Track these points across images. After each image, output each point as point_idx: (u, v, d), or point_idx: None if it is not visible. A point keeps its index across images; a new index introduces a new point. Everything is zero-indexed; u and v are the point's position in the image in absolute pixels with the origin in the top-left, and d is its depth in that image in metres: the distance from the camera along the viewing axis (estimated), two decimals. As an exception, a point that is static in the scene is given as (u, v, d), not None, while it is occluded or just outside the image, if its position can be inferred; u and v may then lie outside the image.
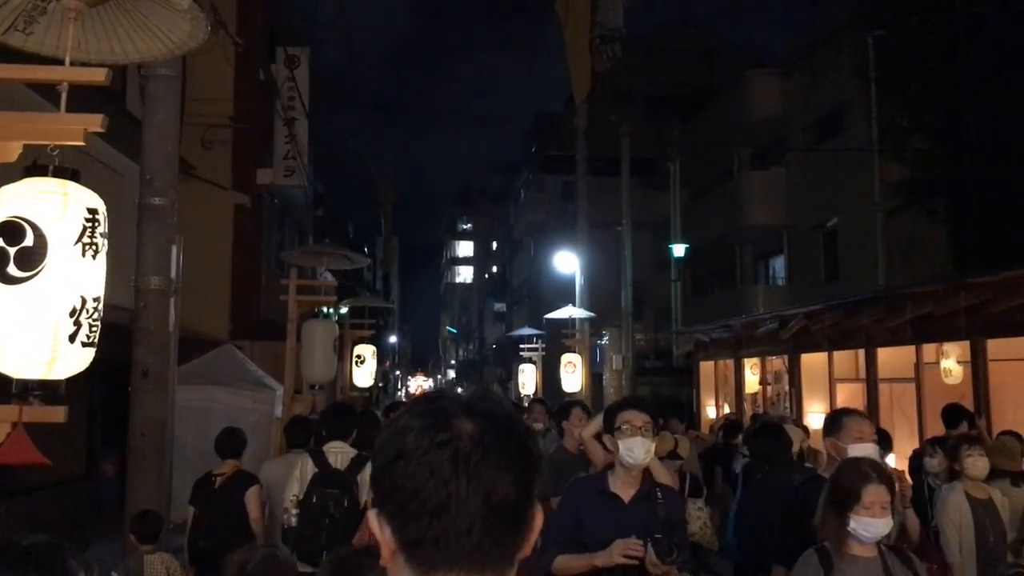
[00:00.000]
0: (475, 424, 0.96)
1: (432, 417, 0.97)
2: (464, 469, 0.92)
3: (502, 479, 0.93)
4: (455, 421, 0.96)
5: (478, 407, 0.99)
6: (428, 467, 0.92)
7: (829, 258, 16.85)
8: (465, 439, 0.94)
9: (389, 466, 0.95)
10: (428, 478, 0.92)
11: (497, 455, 0.94)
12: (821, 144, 17.12)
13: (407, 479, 0.93)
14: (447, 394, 1.04)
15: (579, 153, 14.52)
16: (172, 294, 4.79)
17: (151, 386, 4.65)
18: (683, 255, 17.53)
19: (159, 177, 4.75)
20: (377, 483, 0.98)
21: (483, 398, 1.02)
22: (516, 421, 1.01)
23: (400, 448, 0.95)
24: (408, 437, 0.95)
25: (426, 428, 0.95)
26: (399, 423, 0.99)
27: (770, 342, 9.86)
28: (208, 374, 9.59)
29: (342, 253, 7.94)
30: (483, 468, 0.93)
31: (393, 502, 0.94)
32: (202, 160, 11.92)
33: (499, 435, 0.96)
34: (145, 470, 4.61)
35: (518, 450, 0.96)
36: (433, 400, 1.02)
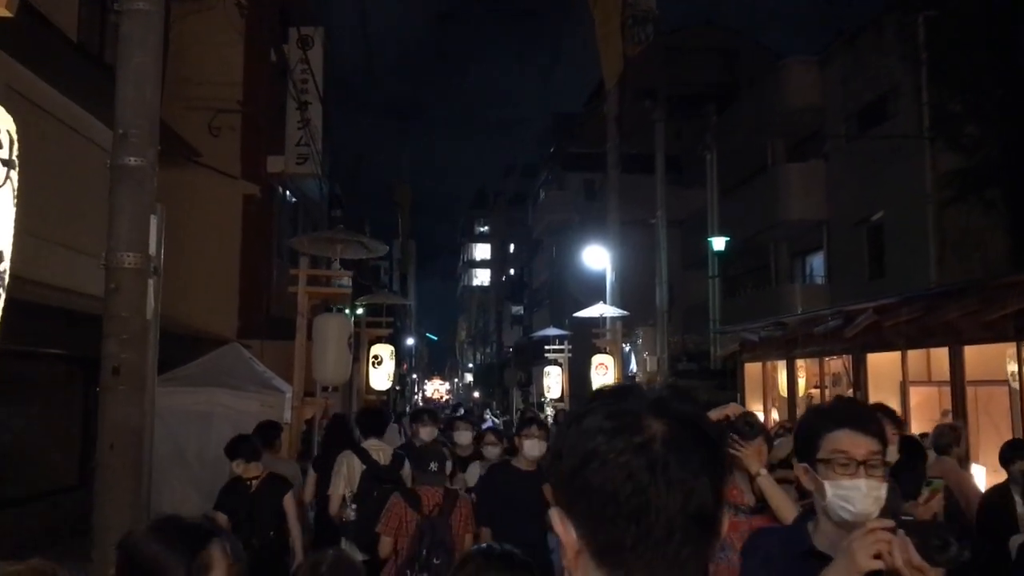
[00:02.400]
0: (666, 425, 0.90)
1: (620, 418, 0.92)
2: (662, 473, 0.87)
3: (700, 484, 0.88)
4: (645, 422, 0.91)
5: (667, 407, 0.93)
6: (625, 470, 0.88)
7: (874, 254, 15.86)
8: (659, 442, 0.89)
9: (581, 467, 0.91)
10: (625, 481, 0.88)
11: (692, 459, 0.89)
12: (864, 134, 16.15)
13: (602, 481, 0.89)
14: (631, 390, 0.98)
15: (610, 142, 13.66)
16: (151, 274, 3.94)
17: (123, 386, 3.80)
18: (723, 249, 16.54)
19: (135, 132, 3.92)
20: (566, 484, 0.93)
21: (671, 396, 0.96)
22: (707, 422, 0.95)
23: (592, 449, 0.91)
24: (599, 438, 0.91)
25: (617, 430, 0.91)
26: (585, 423, 0.94)
27: (831, 341, 8.93)
28: (211, 375, 8.78)
29: (357, 240, 7.11)
30: (680, 473, 0.88)
31: (584, 504, 0.90)
32: (209, 147, 11.19)
33: (692, 437, 0.91)
34: (116, 488, 3.77)
35: (710, 453, 0.91)
36: (618, 397, 0.96)
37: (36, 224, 7.60)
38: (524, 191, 43.11)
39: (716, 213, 16.79)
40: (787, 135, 19.22)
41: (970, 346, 7.22)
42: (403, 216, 32.02)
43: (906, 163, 14.60)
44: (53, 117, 7.58)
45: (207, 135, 11.23)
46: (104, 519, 3.74)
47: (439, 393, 65.39)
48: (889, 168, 15.10)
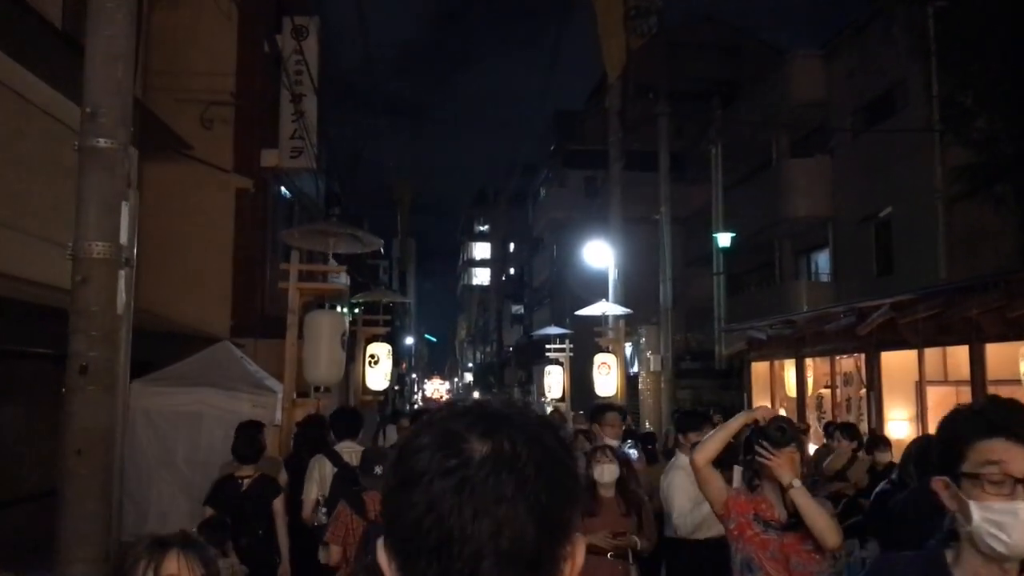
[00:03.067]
0: (491, 444, 0.80)
1: (443, 437, 0.82)
2: (469, 500, 0.76)
3: (514, 512, 0.77)
4: (467, 441, 0.80)
5: (498, 426, 0.82)
6: (429, 496, 0.78)
7: (881, 251, 15.57)
8: (476, 463, 0.78)
9: (394, 491, 0.82)
10: (429, 510, 0.77)
11: (513, 482, 0.78)
12: (872, 128, 15.85)
13: (409, 508, 0.79)
14: (473, 405, 0.87)
15: (612, 136, 13.35)
16: (122, 265, 3.64)
17: (91, 387, 3.51)
18: (728, 245, 16.23)
19: (104, 111, 3.61)
20: (383, 509, 0.86)
21: (508, 414, 0.85)
22: (547, 445, 0.82)
23: (407, 471, 0.81)
24: (418, 458, 0.81)
25: (435, 448, 0.81)
26: (412, 440, 0.84)
27: (843, 339, 8.63)
28: (201, 375, 8.48)
29: (350, 232, 6.79)
30: (491, 499, 0.76)
31: (396, 534, 0.81)
32: (201, 140, 10.86)
33: (516, 461, 0.79)
34: (83, 499, 3.47)
35: (544, 476, 0.79)
36: (449, 416, 0.85)
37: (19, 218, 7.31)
38: (524, 189, 42.85)
39: (721, 208, 16.45)
40: (791, 130, 18.92)
41: (992, 344, 6.92)
42: (403, 213, 31.74)
43: (915, 158, 14.30)
44: (36, 107, 7.29)
45: (199, 128, 10.91)
46: (69, 532, 3.45)
47: (439, 393, 65.09)
48: (897, 163, 14.81)
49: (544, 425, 0.86)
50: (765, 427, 2.81)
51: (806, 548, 2.70)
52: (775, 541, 2.73)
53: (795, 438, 2.85)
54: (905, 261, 14.46)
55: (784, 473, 2.74)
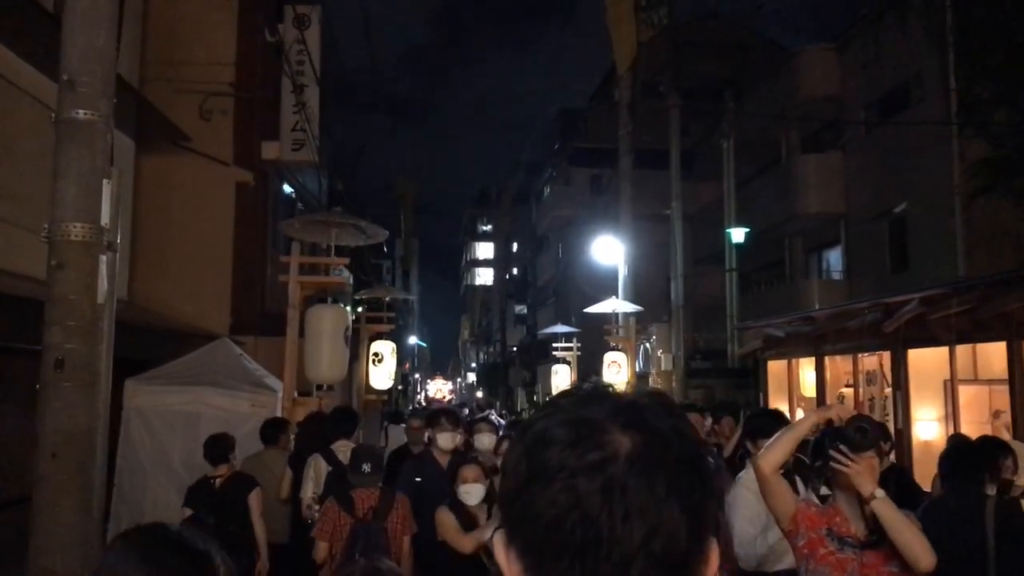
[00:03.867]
0: (634, 440, 0.74)
1: (578, 428, 0.76)
2: (620, 500, 0.71)
3: (668, 515, 0.71)
4: (608, 435, 0.74)
5: (639, 416, 0.77)
6: (574, 493, 0.72)
7: (896, 248, 15.22)
8: (621, 460, 0.73)
9: (525, 486, 0.75)
10: (572, 507, 0.72)
11: (659, 482, 0.72)
12: (887, 122, 15.50)
13: (546, 507, 0.73)
14: (598, 395, 0.81)
15: (622, 129, 13.02)
16: (103, 249, 3.32)
17: (68, 383, 3.18)
18: (743, 240, 15.89)
19: (85, 80, 3.29)
20: (507, 507, 0.78)
21: (648, 404, 0.79)
22: (687, 437, 0.77)
23: (538, 466, 0.75)
24: (549, 452, 0.75)
25: (571, 443, 0.74)
26: (535, 430, 0.78)
27: (867, 336, 8.28)
28: (198, 373, 8.16)
29: (352, 223, 6.46)
30: (642, 499, 0.71)
31: (526, 533, 0.75)
32: (200, 132, 10.56)
33: (665, 456, 0.74)
34: (57, 506, 3.14)
35: (689, 476, 0.74)
36: (581, 403, 0.79)
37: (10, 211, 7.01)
38: (528, 189, 42.68)
39: (733, 202, 16.12)
40: (802, 126, 18.57)
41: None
42: (406, 211, 31.43)
43: (931, 153, 13.95)
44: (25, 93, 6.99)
45: (197, 119, 10.60)
46: (42, 543, 3.12)
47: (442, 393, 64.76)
48: (912, 158, 14.46)
49: (675, 414, 0.79)
50: (843, 429, 2.46)
51: (890, 569, 2.34)
52: (853, 560, 2.38)
53: (877, 441, 2.50)
54: (921, 258, 14.12)
55: (865, 482, 2.38)
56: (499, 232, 54.16)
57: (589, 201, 27.29)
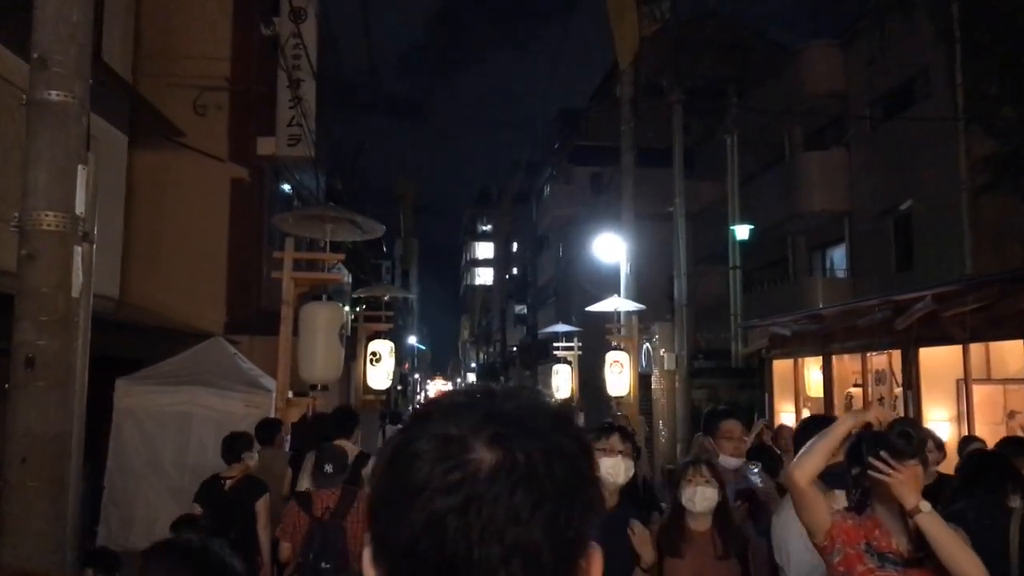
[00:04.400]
0: (497, 455, 0.68)
1: (442, 442, 0.70)
2: (476, 520, 0.66)
3: (530, 535, 0.66)
4: (472, 449, 0.69)
5: (509, 428, 0.70)
6: (429, 515, 0.67)
7: (901, 245, 15.02)
8: (484, 476, 0.67)
9: (385, 504, 0.71)
10: (428, 531, 0.67)
11: (529, 500, 0.67)
12: (893, 117, 15.31)
13: (404, 526, 0.68)
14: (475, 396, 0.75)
15: (624, 125, 12.81)
16: (79, 240, 3.11)
17: (40, 382, 2.98)
18: (747, 237, 15.69)
19: (58, 59, 3.08)
20: (372, 525, 0.73)
21: (520, 412, 0.72)
22: (564, 449, 0.71)
23: (401, 483, 0.70)
24: (414, 468, 0.70)
25: (435, 458, 0.69)
26: (403, 443, 0.72)
27: (877, 334, 8.09)
28: (191, 373, 7.97)
29: (348, 218, 6.25)
30: (504, 520, 0.66)
31: (388, 552, 0.70)
32: (194, 127, 10.37)
33: (531, 471, 0.68)
34: (27, 514, 2.93)
35: (563, 489, 0.68)
36: (450, 412, 0.73)
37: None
38: (528, 189, 42.58)
39: (737, 198, 15.92)
40: (806, 123, 18.38)
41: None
42: (405, 211, 31.23)
43: (937, 149, 13.75)
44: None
45: (192, 114, 10.40)
46: (12, 553, 2.91)
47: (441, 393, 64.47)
48: (918, 155, 14.27)
49: (560, 424, 0.73)
50: (884, 433, 2.25)
51: None
52: None
53: (922, 448, 2.29)
54: (927, 256, 13.92)
55: (908, 493, 2.16)
56: (499, 232, 54.11)
57: (590, 200, 27.09)
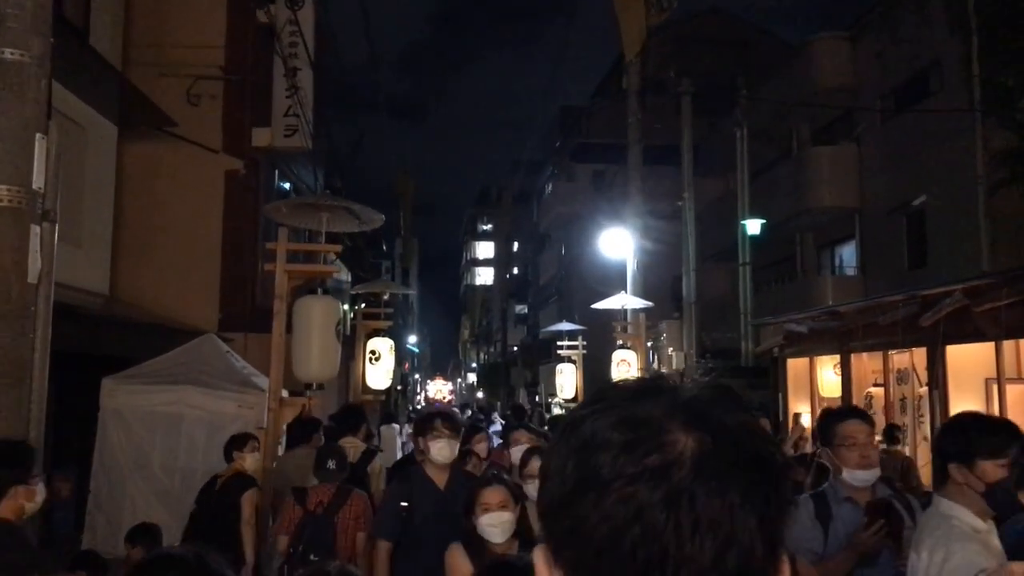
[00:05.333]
0: (700, 440, 0.63)
1: (634, 428, 0.65)
2: (688, 512, 0.60)
3: (743, 527, 0.61)
4: (670, 435, 0.64)
5: (703, 412, 0.65)
6: (633, 505, 0.61)
7: (914, 242, 14.66)
8: (687, 464, 0.62)
9: (573, 496, 0.64)
10: (631, 521, 0.61)
11: (732, 489, 0.62)
12: (903, 112, 14.95)
13: (600, 521, 0.62)
14: (655, 387, 0.70)
15: (631, 117, 12.45)
16: (39, 219, 2.75)
17: (-10, 379, 2.61)
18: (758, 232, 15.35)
19: (14, 13, 2.72)
20: (551, 519, 0.66)
21: (708, 397, 0.68)
22: (759, 435, 0.66)
23: (588, 473, 0.64)
24: (601, 457, 0.64)
25: (627, 445, 0.64)
26: (583, 431, 0.67)
27: (901, 331, 7.73)
28: (181, 371, 7.63)
29: (345, 206, 5.89)
30: (715, 510, 0.61)
31: (575, 551, 0.64)
32: (187, 117, 10.04)
33: (736, 458, 0.63)
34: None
35: (764, 480, 0.63)
36: (635, 397, 0.68)
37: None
38: (529, 188, 42.51)
39: (747, 192, 15.57)
40: (814, 119, 18.02)
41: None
42: (405, 209, 30.90)
43: (952, 143, 13.40)
44: None
45: (185, 104, 10.08)
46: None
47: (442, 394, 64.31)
48: (932, 149, 13.91)
49: (748, 410, 0.68)
50: None
51: None
52: None
53: None
54: (941, 253, 13.56)
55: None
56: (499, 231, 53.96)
57: (592, 198, 26.79)
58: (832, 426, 3.12)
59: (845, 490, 3.01)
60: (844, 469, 2.99)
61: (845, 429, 3.04)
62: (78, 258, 8.46)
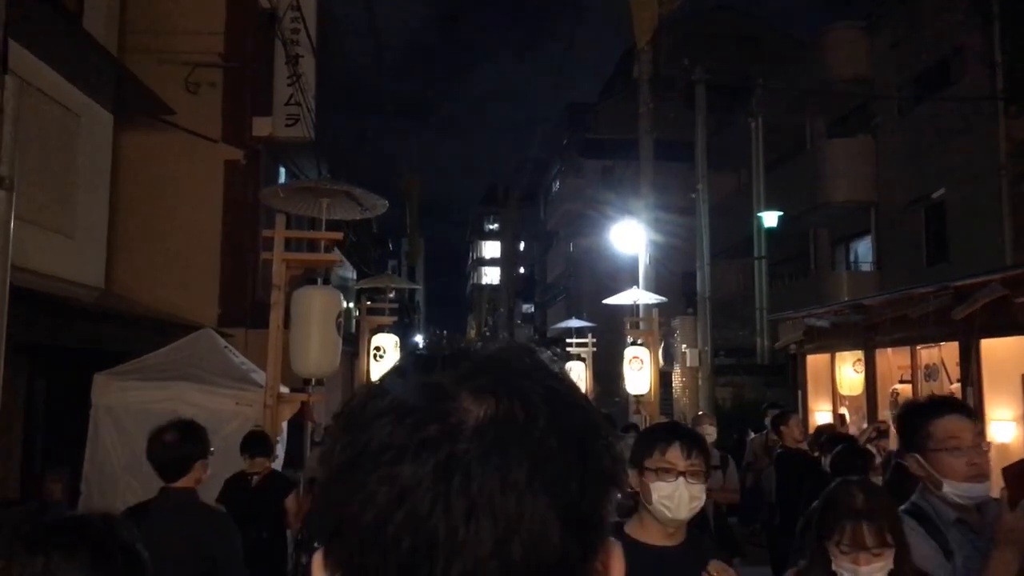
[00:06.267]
0: (488, 407, 0.53)
1: (416, 395, 0.54)
2: (461, 489, 0.50)
3: (532, 507, 0.50)
4: (454, 398, 0.53)
5: (502, 376, 0.55)
6: (396, 484, 0.51)
7: (933, 236, 14.28)
8: (468, 433, 0.52)
9: (338, 477, 0.54)
10: (396, 506, 0.50)
11: (528, 460, 0.51)
12: (922, 102, 14.57)
13: (363, 506, 0.51)
14: (458, 346, 0.58)
15: (643, 107, 12.11)
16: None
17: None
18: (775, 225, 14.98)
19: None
20: (319, 516, 0.57)
21: (514, 359, 0.57)
22: (570, 402, 0.55)
23: (360, 445, 0.53)
24: (377, 425, 0.53)
25: (404, 412, 0.53)
26: (367, 398, 0.56)
27: (931, 325, 7.37)
28: (177, 367, 7.29)
29: (345, 190, 5.56)
30: (496, 487, 0.50)
31: (342, 540, 0.53)
32: (186, 106, 9.73)
33: (530, 427, 0.52)
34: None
35: (572, 451, 0.53)
36: (428, 359, 0.57)
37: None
38: (535, 187, 42.33)
39: (762, 185, 15.20)
40: (828, 111, 17.65)
41: None
42: (411, 207, 30.60)
43: (973, 133, 13.04)
44: None
45: (183, 92, 9.78)
46: None
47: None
48: (952, 140, 13.53)
49: (562, 376, 0.57)
50: None
51: None
52: None
53: None
54: (962, 246, 13.18)
55: None
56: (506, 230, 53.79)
57: (601, 194, 26.44)
58: (923, 424, 2.33)
59: (950, 509, 2.28)
60: (946, 481, 2.24)
61: (943, 428, 2.28)
62: (71, 249, 8.17)
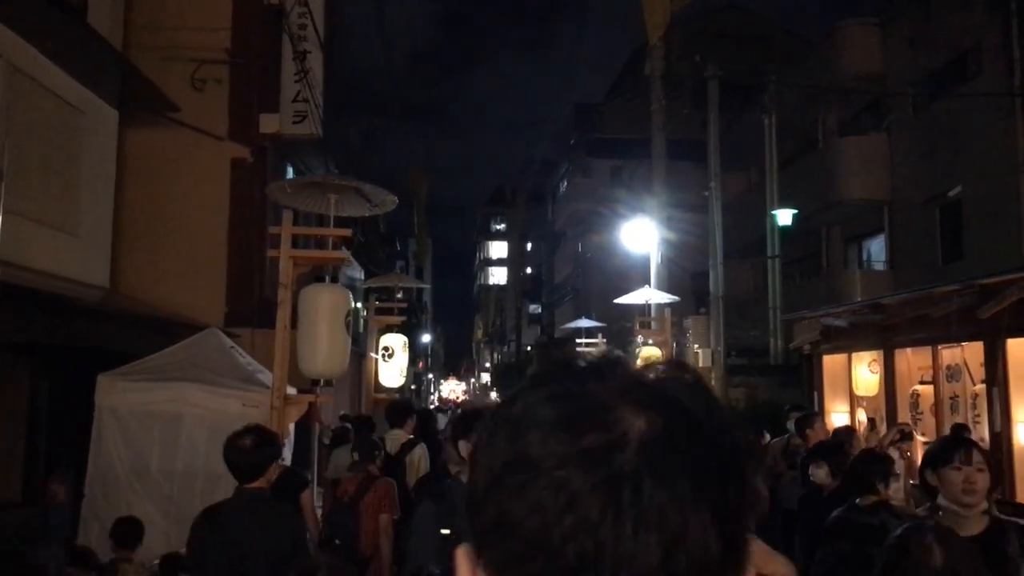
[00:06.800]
0: (651, 421, 0.53)
1: (573, 404, 0.54)
2: (630, 501, 0.50)
3: (696, 523, 0.51)
4: (615, 413, 0.53)
5: (658, 392, 0.55)
6: (564, 495, 0.51)
7: (948, 235, 14.06)
8: (632, 447, 0.52)
9: (498, 483, 0.54)
10: (563, 514, 0.51)
11: (683, 478, 0.52)
12: (938, 99, 14.35)
13: (526, 511, 0.52)
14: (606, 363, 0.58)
15: (655, 104, 11.95)
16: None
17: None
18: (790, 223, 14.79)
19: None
20: (475, 511, 0.56)
21: (667, 377, 0.57)
22: (723, 420, 0.56)
23: (515, 456, 0.54)
24: (530, 436, 0.54)
25: (562, 423, 0.53)
26: (515, 408, 0.56)
27: (954, 324, 7.17)
28: (180, 368, 7.15)
29: (353, 185, 5.40)
30: (663, 502, 0.51)
31: (500, 547, 0.53)
32: (191, 103, 9.61)
33: (692, 443, 0.53)
34: None
35: (723, 470, 0.53)
36: (581, 373, 0.57)
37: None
38: (543, 187, 42.26)
39: (776, 183, 15.01)
40: (840, 109, 17.42)
41: None
42: (419, 206, 30.47)
43: (990, 130, 12.82)
44: None
45: (189, 89, 9.64)
46: None
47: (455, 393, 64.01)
48: (968, 137, 13.32)
49: (712, 392, 0.57)
50: None
51: None
52: None
53: None
54: (979, 244, 12.95)
55: None
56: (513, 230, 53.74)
57: (610, 193, 26.28)
58: None
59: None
60: None
61: None
62: (75, 248, 8.03)
